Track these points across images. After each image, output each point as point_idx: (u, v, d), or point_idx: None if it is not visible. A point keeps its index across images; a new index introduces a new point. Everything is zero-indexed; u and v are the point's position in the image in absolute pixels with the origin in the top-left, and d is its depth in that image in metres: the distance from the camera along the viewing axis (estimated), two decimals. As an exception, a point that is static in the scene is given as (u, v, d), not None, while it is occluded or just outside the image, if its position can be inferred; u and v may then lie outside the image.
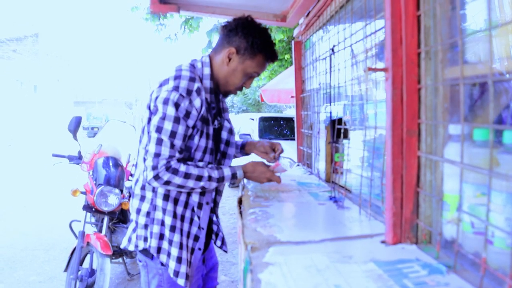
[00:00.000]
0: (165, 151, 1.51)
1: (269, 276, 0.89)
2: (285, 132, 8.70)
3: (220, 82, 1.68)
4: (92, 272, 3.10)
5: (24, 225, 5.56)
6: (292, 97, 2.71)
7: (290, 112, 18.37)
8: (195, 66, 1.66)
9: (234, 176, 1.67)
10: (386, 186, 1.07)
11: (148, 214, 1.63)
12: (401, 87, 1.02)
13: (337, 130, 1.86)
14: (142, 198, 1.65)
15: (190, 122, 1.54)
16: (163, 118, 1.51)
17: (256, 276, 0.90)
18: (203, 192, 1.66)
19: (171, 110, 1.51)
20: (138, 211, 1.65)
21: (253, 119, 8.87)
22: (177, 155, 1.54)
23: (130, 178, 4.16)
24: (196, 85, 1.56)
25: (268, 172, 1.80)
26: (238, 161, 1.91)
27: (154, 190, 1.62)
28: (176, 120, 1.51)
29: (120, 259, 3.63)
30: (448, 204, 0.96)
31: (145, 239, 1.63)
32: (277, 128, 8.82)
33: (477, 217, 0.86)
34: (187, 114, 1.53)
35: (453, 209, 0.95)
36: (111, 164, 3.59)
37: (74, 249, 3.09)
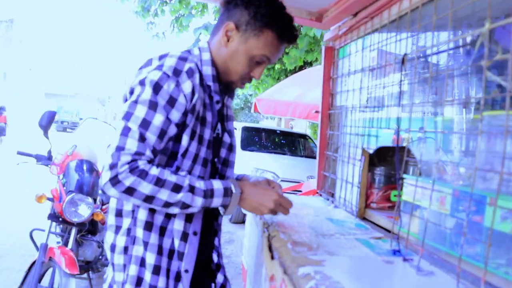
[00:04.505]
0: (131, 144, 1.05)
1: None
2: (267, 144, 8.30)
3: (220, 71, 1.25)
4: (52, 292, 2.58)
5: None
6: (316, 112, 2.30)
7: (267, 123, 17.95)
8: (190, 52, 1.23)
9: (227, 191, 1.17)
10: None
11: (125, 249, 1.17)
12: None
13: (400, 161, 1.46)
14: (117, 229, 1.19)
15: (174, 114, 1.10)
16: (135, 101, 1.09)
17: None
18: (189, 217, 1.19)
19: (147, 92, 1.08)
20: (113, 247, 1.19)
21: (235, 129, 8.46)
22: (149, 154, 1.07)
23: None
24: (188, 65, 1.14)
25: (275, 194, 1.24)
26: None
27: (133, 216, 1.16)
28: (152, 106, 1.08)
29: (85, 275, 3.10)
30: None
31: (123, 284, 1.18)
32: (257, 139, 8.42)
33: None
34: (171, 101, 1.09)
35: None
36: (85, 168, 3.08)
37: (33, 263, 2.56)
